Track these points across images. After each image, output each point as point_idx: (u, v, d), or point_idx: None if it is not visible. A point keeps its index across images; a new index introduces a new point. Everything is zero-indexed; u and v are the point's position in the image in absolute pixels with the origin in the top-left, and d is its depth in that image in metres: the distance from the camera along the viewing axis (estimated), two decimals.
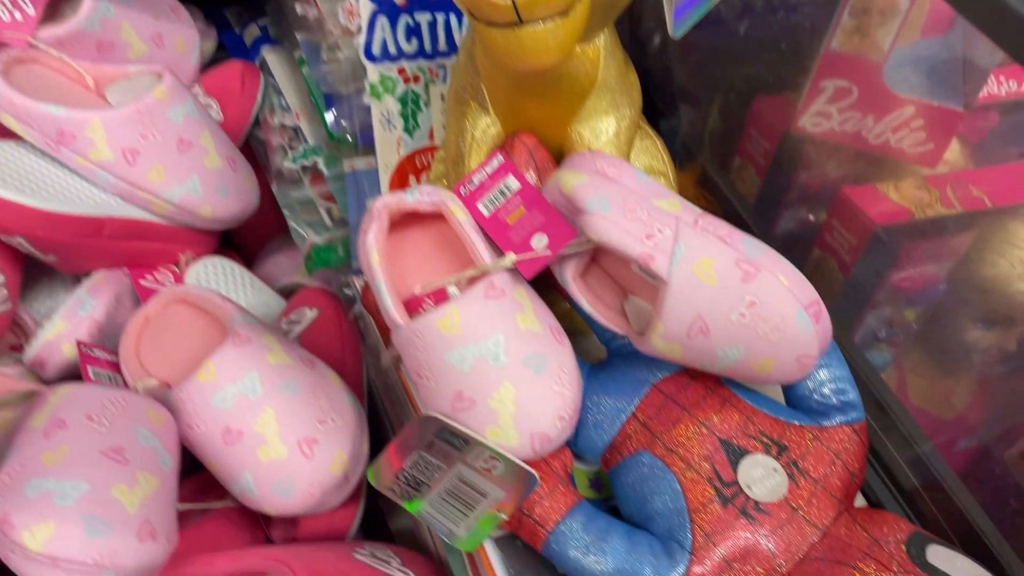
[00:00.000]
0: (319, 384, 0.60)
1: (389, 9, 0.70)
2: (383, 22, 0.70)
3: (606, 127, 0.61)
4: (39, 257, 0.69)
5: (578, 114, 0.60)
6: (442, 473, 0.51)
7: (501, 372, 0.49)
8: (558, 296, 0.61)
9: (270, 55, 0.84)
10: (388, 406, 0.68)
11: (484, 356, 0.49)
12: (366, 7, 0.69)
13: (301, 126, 0.80)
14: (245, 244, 0.93)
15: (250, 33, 0.87)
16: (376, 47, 0.71)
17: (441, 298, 0.53)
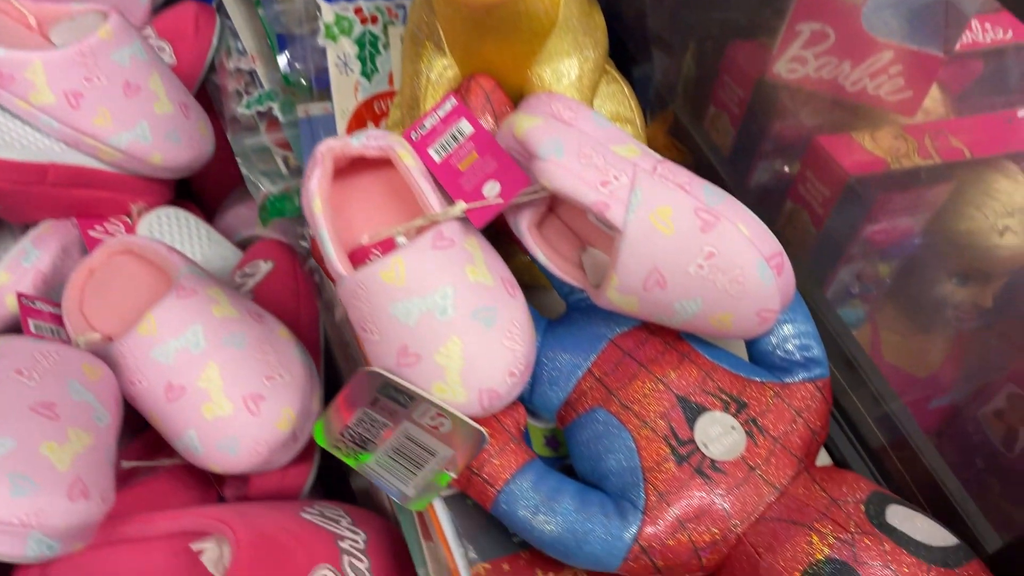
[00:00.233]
0: (267, 338, 0.58)
1: None
2: None
3: (568, 69, 0.58)
4: None
5: (538, 55, 0.57)
6: (388, 431, 0.49)
7: (448, 326, 0.47)
8: (517, 248, 0.59)
9: None
10: (343, 361, 0.66)
11: (431, 309, 0.47)
12: None
13: (257, 70, 0.76)
14: (205, 195, 0.90)
15: None
16: None
17: (389, 248, 0.51)
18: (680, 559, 0.46)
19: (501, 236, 0.58)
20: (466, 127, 0.52)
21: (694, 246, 0.46)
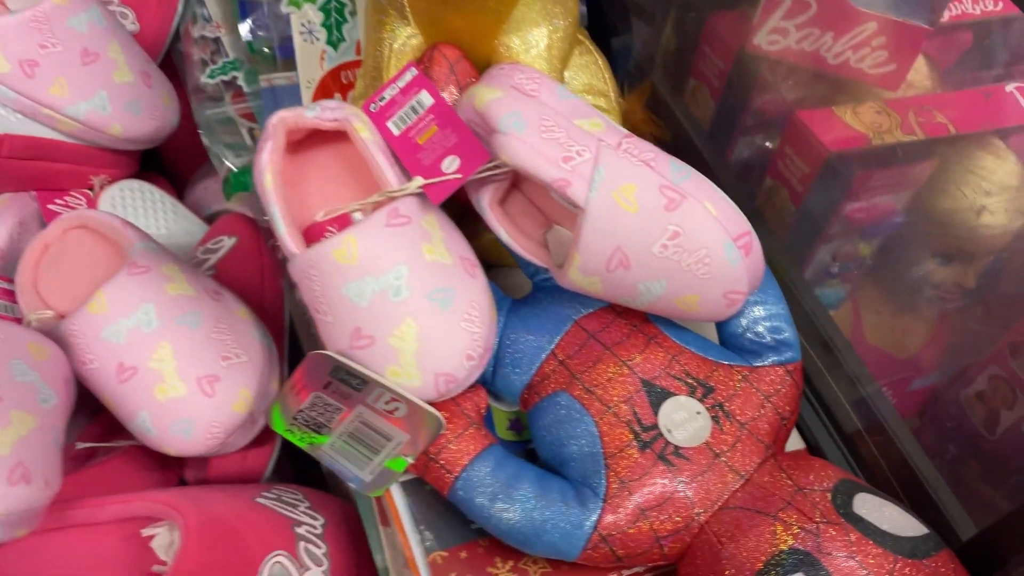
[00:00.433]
0: (224, 317, 0.56)
1: None
2: None
3: (536, 39, 0.56)
4: None
5: (506, 24, 0.55)
6: (343, 415, 0.47)
7: (403, 307, 0.45)
8: (483, 226, 0.57)
9: None
10: (306, 340, 0.64)
11: (384, 289, 0.45)
12: None
13: (222, 38, 0.73)
14: (176, 168, 0.88)
15: None
16: None
17: (345, 226, 0.49)
18: (641, 548, 0.45)
19: (468, 213, 0.56)
20: (426, 99, 0.49)
21: (658, 225, 0.44)
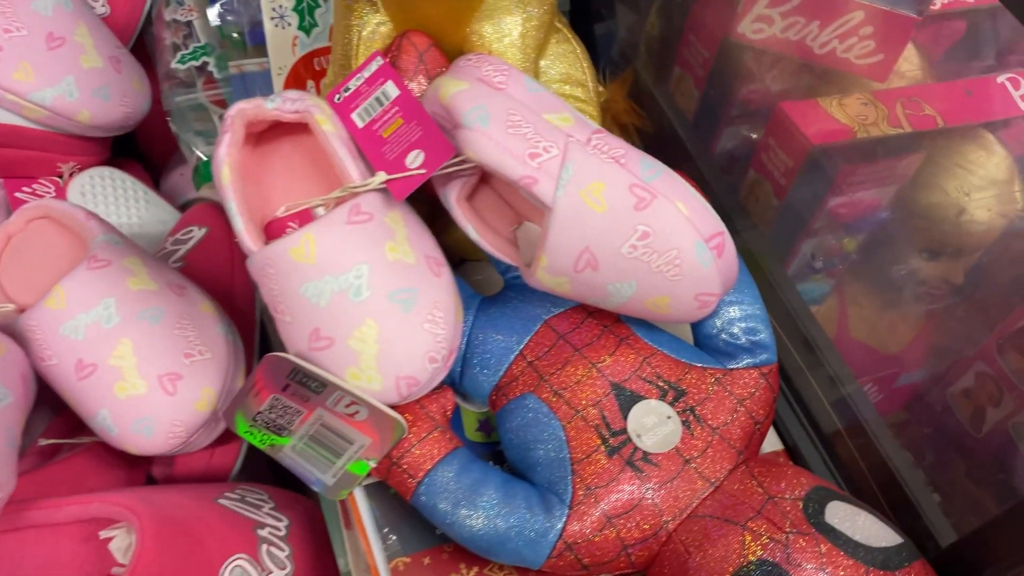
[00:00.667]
0: (187, 313, 0.55)
1: None
2: None
3: (510, 27, 0.54)
4: None
5: (478, 11, 0.53)
6: (302, 417, 0.46)
7: (363, 308, 0.44)
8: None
9: None
10: (275, 335, 0.62)
11: (344, 289, 0.43)
12: None
13: (195, 22, 0.71)
14: (151, 154, 0.86)
15: None
16: None
17: (307, 221, 0.47)
18: (607, 556, 0.44)
19: (439, 207, 0.54)
20: (391, 90, 0.48)
21: (627, 225, 0.42)
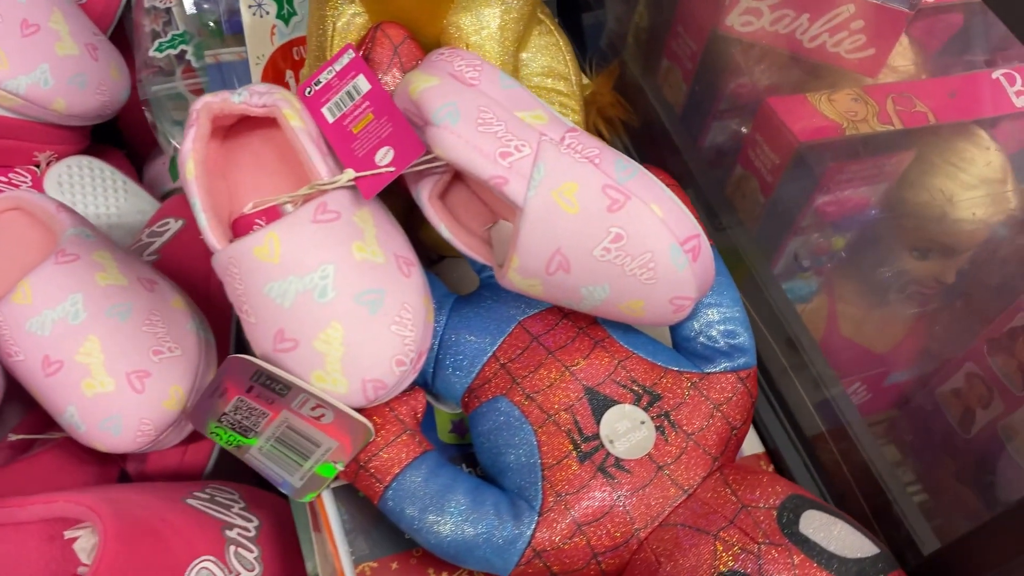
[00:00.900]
0: (157, 309, 0.54)
1: None
2: None
3: (488, 19, 0.52)
4: None
5: (456, 2, 0.51)
6: (268, 419, 0.45)
7: (328, 309, 0.43)
8: None
9: None
10: None
11: (308, 290, 0.42)
12: None
13: (173, 8, 0.70)
14: (134, 142, 0.85)
15: None
16: None
17: (275, 219, 0.46)
18: (577, 564, 0.43)
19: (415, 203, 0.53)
20: (363, 84, 0.46)
21: (600, 227, 0.41)
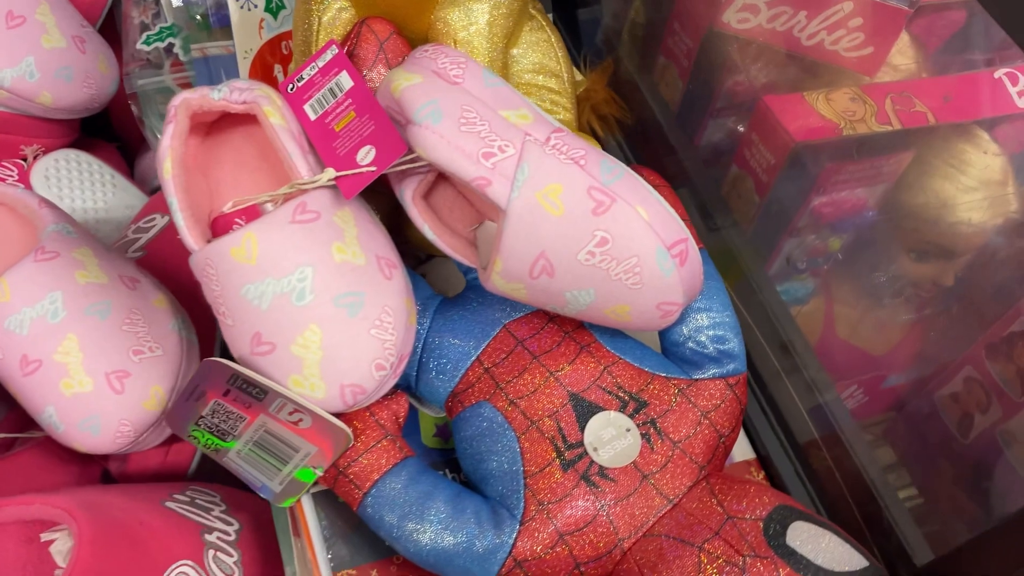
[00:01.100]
0: (138, 307, 0.53)
1: None
2: None
3: (477, 14, 0.51)
4: None
5: None
6: (245, 423, 0.44)
7: (306, 312, 0.42)
8: None
9: None
10: None
11: (286, 292, 0.41)
12: None
13: (162, 1, 0.69)
14: (126, 136, 0.84)
15: None
16: None
17: (255, 219, 0.45)
18: (558, 574, 0.42)
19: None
20: (345, 81, 0.45)
21: (585, 230, 0.40)
